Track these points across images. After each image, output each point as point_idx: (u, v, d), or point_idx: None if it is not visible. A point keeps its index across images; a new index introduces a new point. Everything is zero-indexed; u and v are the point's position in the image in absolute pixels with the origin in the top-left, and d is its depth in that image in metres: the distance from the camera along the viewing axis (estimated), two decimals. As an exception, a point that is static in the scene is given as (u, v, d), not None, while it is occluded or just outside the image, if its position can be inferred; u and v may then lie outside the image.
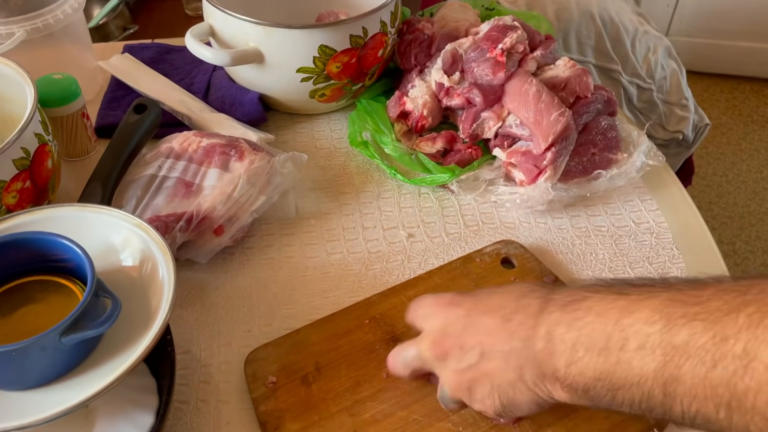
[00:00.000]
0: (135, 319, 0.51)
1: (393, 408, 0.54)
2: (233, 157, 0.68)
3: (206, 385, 0.57)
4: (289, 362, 0.57)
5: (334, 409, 0.54)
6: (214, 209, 0.64)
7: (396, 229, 0.71)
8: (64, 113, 0.74)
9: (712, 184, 1.94)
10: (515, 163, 0.72)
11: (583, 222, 0.71)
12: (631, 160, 0.73)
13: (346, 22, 0.74)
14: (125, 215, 0.57)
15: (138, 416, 0.52)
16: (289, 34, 0.73)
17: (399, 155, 0.75)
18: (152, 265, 0.54)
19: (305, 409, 0.54)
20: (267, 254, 0.68)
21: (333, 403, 0.54)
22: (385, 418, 0.53)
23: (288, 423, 0.53)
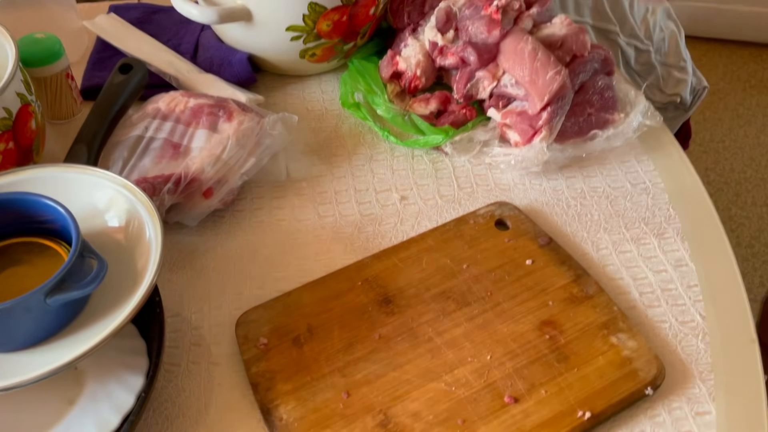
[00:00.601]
0: (122, 281, 0.50)
1: (385, 368, 0.54)
2: (222, 118, 0.66)
3: (197, 348, 0.57)
4: (280, 324, 0.57)
5: (326, 369, 0.54)
6: (203, 171, 0.63)
7: (389, 191, 0.70)
8: (47, 74, 0.72)
9: (708, 150, 1.92)
10: (510, 124, 0.71)
11: (578, 183, 0.70)
12: (627, 120, 0.72)
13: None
14: (111, 176, 0.55)
15: (128, 378, 0.51)
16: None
17: (392, 117, 0.73)
18: (138, 226, 0.53)
19: (297, 370, 0.54)
20: (257, 217, 0.67)
21: (325, 364, 0.54)
22: (377, 379, 0.53)
23: (280, 384, 0.53)
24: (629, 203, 0.68)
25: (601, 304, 0.57)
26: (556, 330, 0.56)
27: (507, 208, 0.66)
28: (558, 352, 0.54)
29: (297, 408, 0.52)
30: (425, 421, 0.51)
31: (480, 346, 0.55)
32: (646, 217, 0.66)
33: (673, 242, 0.64)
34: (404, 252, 0.62)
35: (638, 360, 0.54)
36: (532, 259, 0.61)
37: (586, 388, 0.52)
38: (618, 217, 0.67)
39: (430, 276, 0.60)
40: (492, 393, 0.52)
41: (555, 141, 0.70)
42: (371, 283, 0.60)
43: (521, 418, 0.51)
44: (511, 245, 0.62)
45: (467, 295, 0.58)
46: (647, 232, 0.65)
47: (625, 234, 0.65)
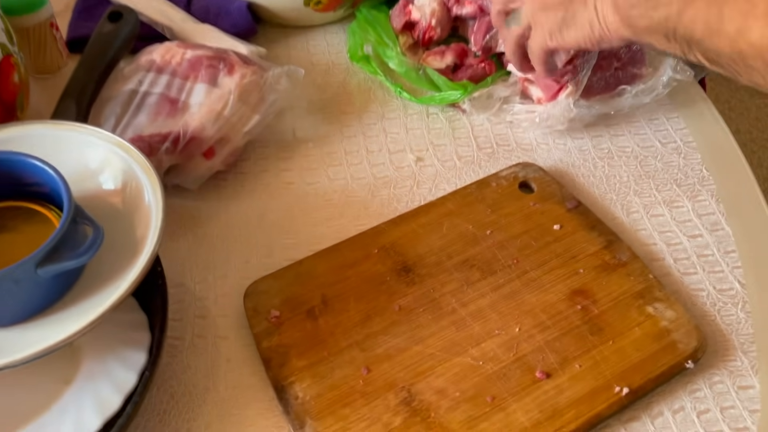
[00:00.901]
0: (120, 249, 0.46)
1: (407, 342, 0.50)
2: (222, 71, 0.61)
3: (202, 320, 0.53)
4: (292, 295, 0.52)
5: (344, 344, 0.50)
6: (203, 129, 0.58)
7: (403, 152, 0.65)
8: (29, 23, 0.66)
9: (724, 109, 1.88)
10: (532, 79, 0.66)
11: (605, 142, 0.66)
12: (657, 75, 0.67)
13: None
14: (104, 133, 0.50)
15: (129, 354, 0.47)
16: (281, -69, 0.65)
17: (405, 71, 0.68)
18: (136, 189, 0.48)
19: (312, 344, 0.50)
20: (263, 180, 0.63)
21: (342, 338, 0.50)
22: (399, 353, 0.49)
23: (294, 359, 0.49)
24: (660, 163, 0.64)
25: (636, 272, 0.54)
26: (588, 300, 0.52)
27: (531, 169, 0.61)
28: (591, 323, 0.51)
29: (313, 385, 0.48)
30: (452, 398, 0.47)
31: (507, 317, 0.51)
32: (679, 178, 0.62)
33: (708, 205, 0.60)
34: (423, 217, 0.58)
35: (677, 331, 0.50)
36: (560, 224, 0.57)
37: (622, 362, 0.49)
38: (648, 179, 0.62)
39: (451, 243, 0.56)
40: (522, 368, 0.48)
41: (581, 97, 0.65)
42: (389, 250, 0.56)
43: (555, 394, 0.47)
44: (537, 209, 0.58)
45: (492, 263, 0.55)
46: (680, 194, 0.61)
47: (656, 196, 0.61)
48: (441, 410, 0.46)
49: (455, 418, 0.46)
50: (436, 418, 0.46)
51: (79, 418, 0.44)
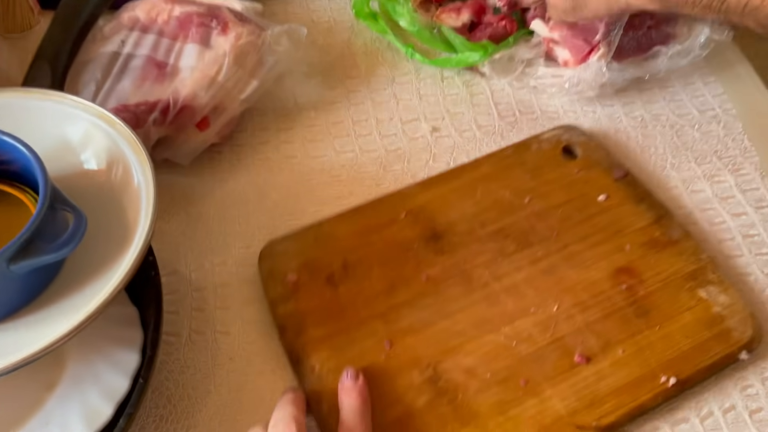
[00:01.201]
0: (107, 238, 0.40)
1: (434, 316, 0.46)
2: (215, 30, 0.54)
3: (200, 313, 0.47)
4: (311, 258, 0.48)
5: (365, 314, 0.46)
6: (195, 96, 0.52)
7: (417, 121, 0.59)
8: (-6, -25, 0.59)
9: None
10: (559, 40, 0.60)
11: (638, 109, 0.60)
12: (693, 35, 0.61)
13: None
14: (83, 103, 0.44)
15: (119, 355, 0.42)
16: None
17: (417, 30, 0.61)
18: (124, 168, 0.42)
19: (331, 313, 0.46)
20: (262, 153, 0.56)
21: (363, 308, 0.46)
22: (425, 328, 0.45)
23: (311, 328, 0.45)
24: (698, 133, 0.58)
25: (688, 251, 0.49)
26: (635, 279, 0.48)
27: (575, 133, 0.56)
28: (637, 305, 0.47)
29: (331, 357, 0.44)
30: (481, 379, 0.43)
31: (545, 294, 0.47)
32: (719, 149, 0.57)
33: (752, 179, 0.55)
34: (455, 181, 0.53)
35: (731, 318, 0.46)
36: (606, 194, 0.52)
37: (670, 349, 0.45)
38: (686, 150, 0.57)
39: (485, 210, 0.51)
40: (560, 350, 0.44)
41: (612, 59, 0.59)
42: (417, 215, 0.51)
43: (594, 381, 0.43)
44: (580, 177, 0.53)
45: (530, 235, 0.50)
46: (721, 167, 0.56)
47: (695, 170, 0.56)
48: (469, 392, 0.43)
49: (485, 401, 0.42)
50: (464, 399, 0.42)
51: (65, 430, 0.39)
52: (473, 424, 0.42)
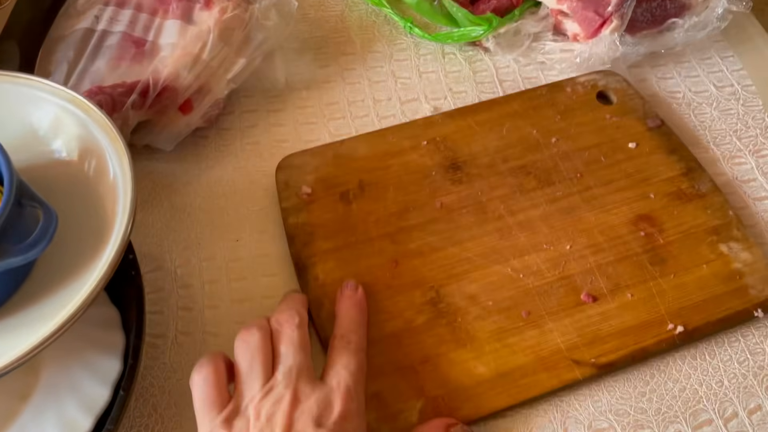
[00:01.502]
0: (81, 235, 0.37)
1: (443, 242, 0.46)
2: (198, 4, 0.50)
3: (187, 313, 0.44)
4: (328, 174, 0.49)
5: (375, 233, 0.46)
6: (178, 77, 0.48)
7: (417, 101, 0.55)
8: (-46, -56, 0.54)
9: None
10: (568, 11, 0.56)
11: (652, 86, 0.56)
12: (710, 5, 0.57)
13: None
14: (54, 86, 0.40)
15: (99, 361, 0.39)
16: None
17: (416, 2, 0.57)
18: (98, 158, 0.38)
19: (341, 228, 0.46)
20: (251, 137, 0.53)
21: (374, 227, 0.46)
22: (432, 252, 0.45)
23: (319, 240, 0.45)
24: (716, 112, 0.55)
25: (715, 206, 0.47)
26: (655, 228, 0.46)
27: (614, 79, 0.54)
28: (653, 252, 0.45)
29: (336, 269, 0.44)
30: (482, 306, 0.43)
31: (560, 233, 0.46)
32: (738, 129, 0.54)
33: (774, 161, 0.52)
34: (483, 114, 0.52)
35: (751, 275, 0.44)
36: (637, 142, 0.51)
37: (682, 299, 0.43)
38: (704, 130, 0.54)
39: (510, 145, 0.50)
40: (567, 287, 0.44)
41: (625, 33, 0.55)
42: (439, 144, 0.50)
43: (598, 320, 0.42)
44: (613, 123, 0.51)
45: (552, 174, 0.49)
46: (741, 148, 0.53)
47: (714, 152, 0.52)
48: (469, 317, 0.43)
49: (484, 327, 0.42)
50: (463, 323, 0.42)
51: (40, 445, 0.36)
52: (469, 346, 0.41)
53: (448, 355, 0.41)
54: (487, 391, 0.39)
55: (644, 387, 0.41)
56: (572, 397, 0.41)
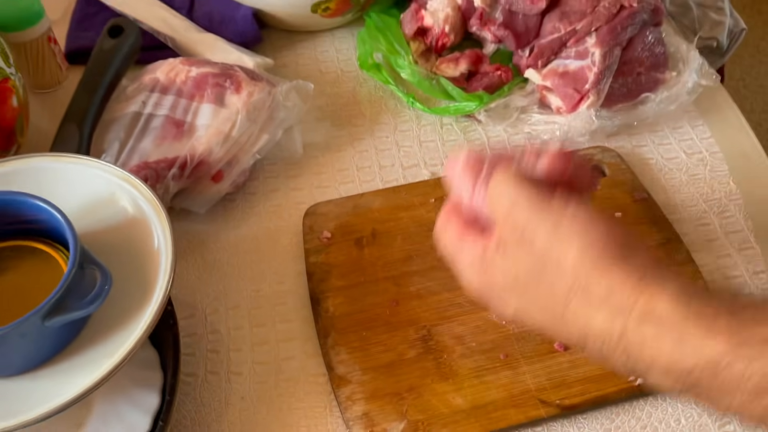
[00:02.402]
0: (129, 291, 0.44)
1: (439, 287, 0.52)
2: (229, 89, 0.58)
3: (215, 355, 0.51)
4: (346, 222, 0.57)
5: (381, 275, 0.53)
6: (211, 152, 0.56)
7: (417, 167, 0.63)
8: (26, 38, 0.64)
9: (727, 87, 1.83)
10: (551, 87, 0.63)
11: (628, 154, 0.63)
12: (681, 80, 0.64)
13: None
14: (108, 166, 0.48)
15: (141, 396, 0.46)
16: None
17: (417, 80, 0.65)
18: (144, 226, 0.46)
19: (353, 269, 0.54)
20: (273, 200, 0.61)
21: (381, 270, 0.53)
22: (429, 295, 0.52)
23: (334, 278, 0.53)
24: (685, 176, 0.61)
25: (687, 274, 0.53)
26: None
27: (609, 154, 0.61)
28: None
29: (344, 304, 0.51)
30: (467, 346, 0.49)
31: None
32: (705, 192, 0.60)
33: (736, 221, 0.58)
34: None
35: None
36: (623, 212, 0.57)
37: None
38: (674, 193, 0.60)
39: None
40: (544, 336, 0.49)
41: (602, 106, 0.62)
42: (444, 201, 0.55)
43: (567, 367, 0.48)
44: (603, 193, 0.58)
45: None
46: (706, 210, 0.59)
47: (681, 214, 0.59)
48: (454, 354, 0.49)
49: (465, 365, 0.48)
50: (448, 360, 0.48)
51: (93, 466, 0.43)
52: (451, 380, 0.47)
53: (431, 386, 0.47)
54: (461, 420, 0.46)
55: (609, 424, 0.47)
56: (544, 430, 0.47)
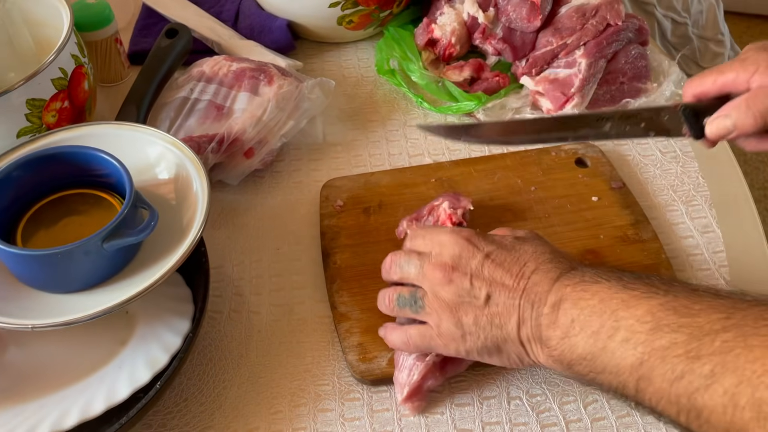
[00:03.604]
0: (171, 230, 0.54)
1: None
2: (262, 82, 0.69)
3: (239, 297, 0.60)
4: (357, 194, 0.66)
5: (383, 238, 0.62)
6: (245, 132, 0.66)
7: (422, 156, 0.72)
8: (98, 38, 0.76)
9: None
10: (543, 91, 0.72)
11: (609, 150, 0.71)
12: (660, 89, 0.73)
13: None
14: (160, 133, 0.59)
15: (175, 322, 0.55)
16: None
17: (426, 83, 0.75)
18: (187, 180, 0.56)
19: (360, 231, 0.63)
20: (295, 178, 0.70)
21: (384, 234, 0.63)
22: None
23: (343, 238, 0.62)
24: (659, 171, 0.69)
25: (651, 250, 0.60)
26: (597, 259, 0.59)
27: (592, 149, 0.69)
28: None
29: (350, 258, 0.61)
30: None
31: None
32: (675, 184, 0.68)
33: (701, 209, 0.65)
34: (482, 164, 0.68)
35: None
36: (599, 197, 0.65)
37: None
38: (647, 185, 0.68)
39: (498, 189, 0.66)
40: None
41: (587, 108, 0.71)
42: (443, 182, 0.66)
43: None
44: (583, 181, 0.66)
45: (526, 212, 0.64)
46: (675, 199, 0.66)
47: (654, 200, 0.66)
48: None
49: None
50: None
51: (133, 372, 0.52)
52: None
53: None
54: None
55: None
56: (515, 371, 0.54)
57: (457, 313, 0.47)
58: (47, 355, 0.54)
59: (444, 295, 0.47)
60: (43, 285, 0.51)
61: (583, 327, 0.42)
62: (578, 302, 0.43)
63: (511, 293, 0.46)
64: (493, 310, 0.46)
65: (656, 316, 0.39)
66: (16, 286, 0.51)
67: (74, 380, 0.52)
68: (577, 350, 0.42)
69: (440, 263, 0.48)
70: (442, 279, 0.48)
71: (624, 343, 0.40)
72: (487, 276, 0.47)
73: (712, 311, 0.38)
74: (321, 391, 0.54)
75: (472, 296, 0.47)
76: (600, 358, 0.41)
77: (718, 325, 0.37)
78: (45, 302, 0.50)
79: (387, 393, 0.53)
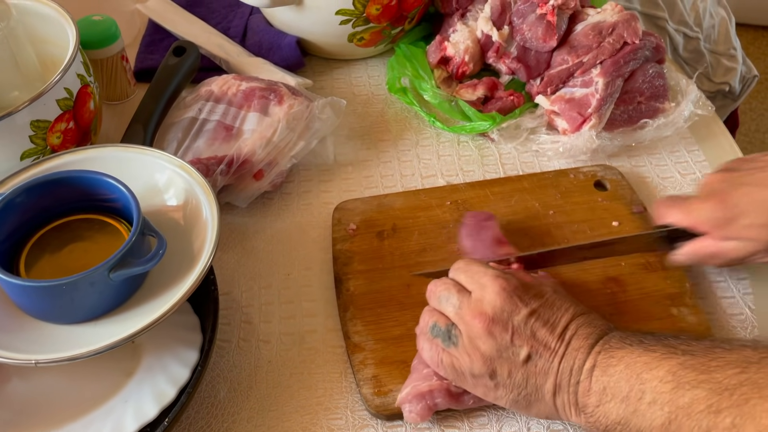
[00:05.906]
0: (179, 258, 0.52)
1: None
2: (272, 101, 0.67)
3: (247, 325, 0.58)
4: (371, 217, 0.64)
5: (398, 263, 0.60)
6: (254, 153, 0.64)
7: (434, 177, 0.70)
8: (103, 55, 0.74)
9: (754, 140, 1.88)
10: (558, 111, 0.71)
11: (627, 172, 0.69)
12: (678, 109, 0.71)
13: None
14: (168, 156, 0.57)
15: (183, 352, 0.53)
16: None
17: (438, 102, 0.73)
18: (196, 206, 0.54)
19: (373, 256, 0.61)
20: (305, 200, 0.68)
21: (398, 259, 0.61)
22: None
23: (356, 263, 0.60)
24: (678, 193, 0.67)
25: (674, 278, 0.58)
26: (620, 288, 0.57)
27: (611, 171, 0.67)
28: (615, 306, 0.56)
29: (363, 285, 0.59)
30: None
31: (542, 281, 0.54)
32: (696, 208, 0.66)
33: (723, 234, 0.63)
34: (498, 187, 0.66)
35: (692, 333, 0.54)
36: (620, 222, 0.62)
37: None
38: (666, 208, 0.66)
39: (515, 213, 0.64)
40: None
41: (604, 129, 0.69)
42: (459, 205, 0.65)
43: None
44: (603, 205, 0.64)
45: (545, 237, 0.61)
46: (696, 223, 0.64)
47: (673, 224, 0.64)
48: None
49: None
50: None
51: (139, 406, 0.50)
52: None
53: None
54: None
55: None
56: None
57: (492, 364, 0.46)
58: (51, 387, 0.52)
59: (481, 346, 0.47)
60: (46, 316, 0.49)
61: (614, 394, 0.44)
62: (607, 369, 0.44)
63: (552, 356, 0.46)
64: (530, 370, 0.46)
65: (677, 375, 0.42)
66: (19, 317, 0.50)
67: (79, 414, 0.50)
68: (611, 416, 0.44)
69: (480, 312, 0.47)
70: (482, 331, 0.47)
71: (652, 404, 0.42)
72: (528, 335, 0.46)
73: (728, 366, 0.41)
74: (333, 426, 0.52)
75: (511, 353, 0.46)
76: (633, 422, 0.43)
77: (734, 380, 0.40)
78: (48, 334, 0.49)
79: (402, 428, 0.51)
